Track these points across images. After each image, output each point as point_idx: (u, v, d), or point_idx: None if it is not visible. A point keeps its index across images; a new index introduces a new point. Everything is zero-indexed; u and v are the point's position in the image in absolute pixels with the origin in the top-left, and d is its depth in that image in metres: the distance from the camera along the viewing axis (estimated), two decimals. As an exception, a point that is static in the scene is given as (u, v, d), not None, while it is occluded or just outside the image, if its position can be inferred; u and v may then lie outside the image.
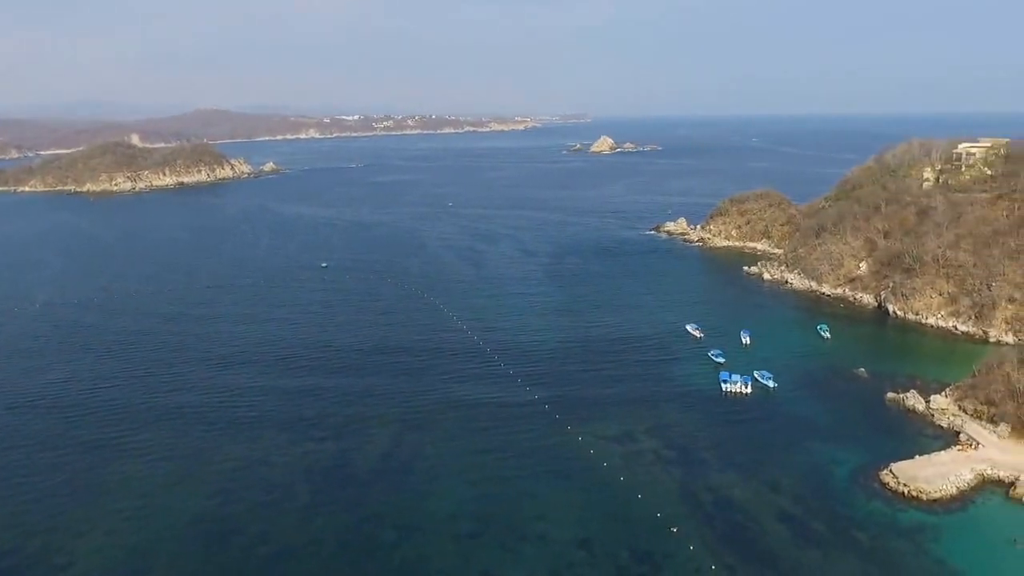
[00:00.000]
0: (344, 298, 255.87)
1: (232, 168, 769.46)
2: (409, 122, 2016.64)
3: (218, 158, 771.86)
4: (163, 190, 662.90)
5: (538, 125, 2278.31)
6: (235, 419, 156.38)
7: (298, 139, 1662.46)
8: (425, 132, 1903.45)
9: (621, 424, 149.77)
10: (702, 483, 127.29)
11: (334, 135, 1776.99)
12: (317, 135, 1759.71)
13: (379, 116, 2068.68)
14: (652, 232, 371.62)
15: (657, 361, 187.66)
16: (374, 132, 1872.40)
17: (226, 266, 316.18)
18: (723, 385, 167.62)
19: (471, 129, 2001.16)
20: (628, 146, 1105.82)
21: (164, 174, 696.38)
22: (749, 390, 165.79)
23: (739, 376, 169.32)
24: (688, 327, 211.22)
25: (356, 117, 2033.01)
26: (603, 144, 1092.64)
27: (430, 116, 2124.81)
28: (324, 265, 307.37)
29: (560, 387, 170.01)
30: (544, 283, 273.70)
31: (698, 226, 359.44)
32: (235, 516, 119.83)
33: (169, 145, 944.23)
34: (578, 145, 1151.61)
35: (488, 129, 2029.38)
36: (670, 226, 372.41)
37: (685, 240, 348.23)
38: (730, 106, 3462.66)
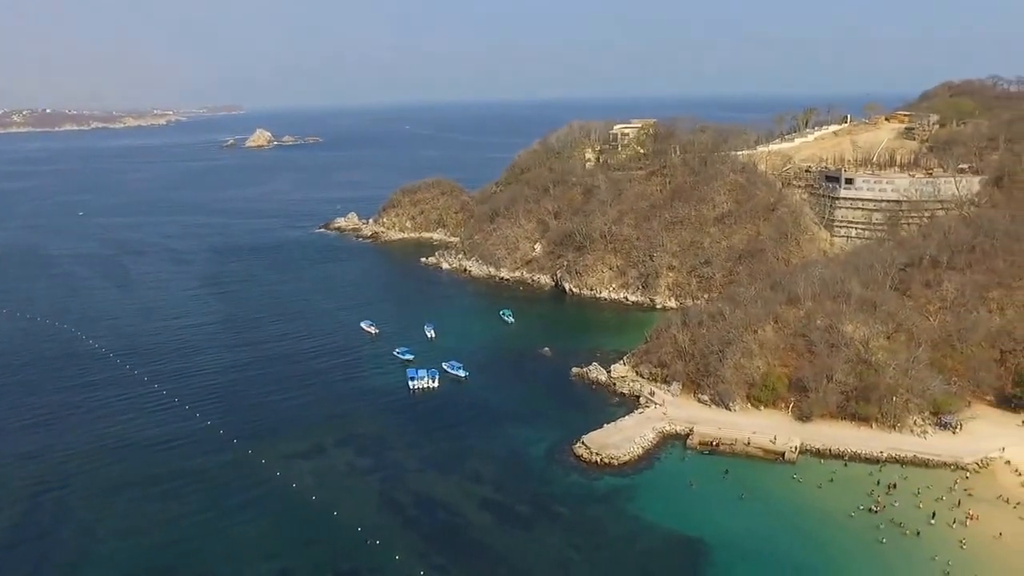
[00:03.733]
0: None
1: None
2: (15, 118, 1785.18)
3: None
4: None
5: (183, 119, 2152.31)
6: None
7: None
8: (39, 130, 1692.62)
9: (308, 438, 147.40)
10: (401, 487, 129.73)
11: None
12: None
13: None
14: (322, 230, 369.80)
15: (341, 366, 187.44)
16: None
17: None
18: (411, 382, 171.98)
19: (100, 126, 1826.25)
20: (288, 139, 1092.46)
21: None
22: (437, 384, 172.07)
23: (426, 371, 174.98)
24: (362, 324, 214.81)
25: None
26: (260, 138, 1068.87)
27: (43, 111, 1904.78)
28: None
29: (236, 409, 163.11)
30: (206, 296, 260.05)
31: (370, 220, 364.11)
32: None
33: None
34: (232, 140, 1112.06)
35: (123, 125, 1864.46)
36: (341, 222, 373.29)
37: (358, 236, 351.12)
38: (390, 93, 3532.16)
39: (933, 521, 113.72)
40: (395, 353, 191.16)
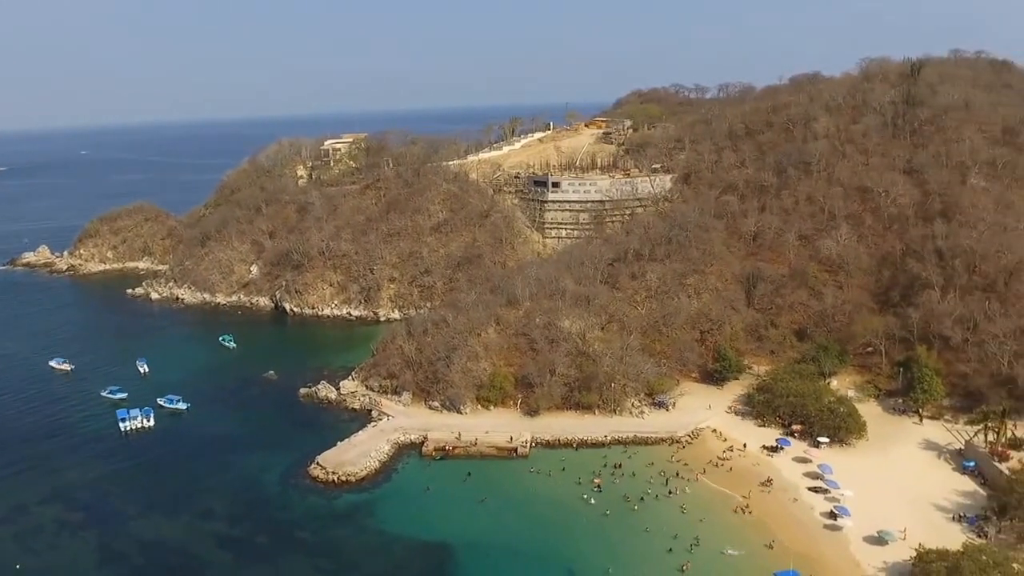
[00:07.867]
0: None
1: None
2: None
3: None
4: None
5: None
6: None
7: None
8: None
9: (6, 500, 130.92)
10: (124, 537, 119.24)
11: None
12: None
13: None
14: (7, 267, 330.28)
15: (37, 415, 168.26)
16: None
17: None
18: (121, 424, 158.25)
19: None
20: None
21: None
22: (153, 422, 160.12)
23: (139, 409, 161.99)
24: (52, 363, 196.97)
25: None
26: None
27: None
28: None
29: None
30: None
31: (65, 253, 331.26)
32: None
33: None
34: None
35: None
36: (30, 257, 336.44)
37: (52, 271, 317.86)
38: (82, 116, 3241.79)
39: (656, 492, 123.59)
40: (104, 394, 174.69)
